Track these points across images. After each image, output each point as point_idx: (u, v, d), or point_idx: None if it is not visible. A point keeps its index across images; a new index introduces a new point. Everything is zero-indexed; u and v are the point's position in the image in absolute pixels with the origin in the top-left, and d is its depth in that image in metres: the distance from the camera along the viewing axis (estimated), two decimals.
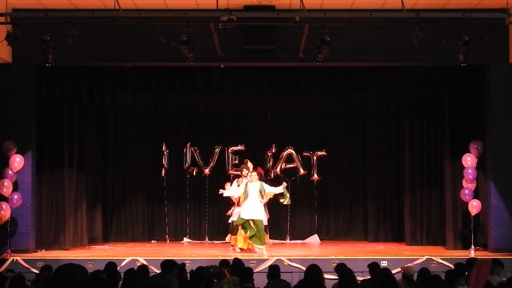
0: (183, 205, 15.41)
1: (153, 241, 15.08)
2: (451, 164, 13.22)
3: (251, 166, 13.31)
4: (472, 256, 10.77)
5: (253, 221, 12.15)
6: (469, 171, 12.59)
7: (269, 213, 13.48)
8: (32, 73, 12.40)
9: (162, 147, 15.18)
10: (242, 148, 15.12)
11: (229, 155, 15.13)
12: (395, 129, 14.93)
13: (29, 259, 11.44)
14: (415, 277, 7.81)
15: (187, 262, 10.42)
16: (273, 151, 15.13)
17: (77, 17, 10.74)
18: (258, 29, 11.59)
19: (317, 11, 11.34)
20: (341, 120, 15.47)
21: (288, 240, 15.05)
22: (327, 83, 12.98)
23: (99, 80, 12.82)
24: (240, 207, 12.56)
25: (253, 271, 7.64)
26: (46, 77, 12.54)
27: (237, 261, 8.59)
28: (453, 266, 8.87)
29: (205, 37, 10.92)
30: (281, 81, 12.99)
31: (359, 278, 8.03)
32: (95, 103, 13.89)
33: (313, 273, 6.54)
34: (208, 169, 15.11)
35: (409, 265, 9.43)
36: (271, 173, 14.96)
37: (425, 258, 11.36)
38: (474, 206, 12.51)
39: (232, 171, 14.88)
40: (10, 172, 12.12)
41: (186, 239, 15.13)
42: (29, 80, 12.41)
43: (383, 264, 10.47)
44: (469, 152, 12.68)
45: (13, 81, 12.37)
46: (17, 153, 12.15)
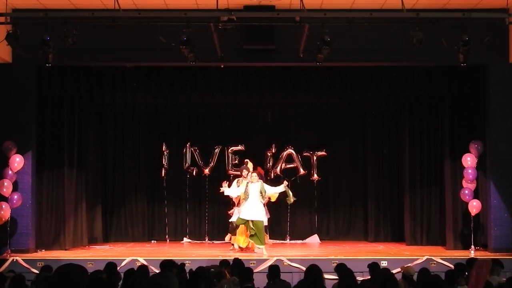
0: (183, 205, 15.40)
1: (153, 241, 15.07)
2: (451, 164, 13.22)
3: (251, 166, 13.30)
4: (472, 256, 10.77)
5: (252, 221, 12.17)
6: (469, 171, 12.59)
7: (269, 213, 13.47)
8: (32, 73, 12.40)
9: (162, 147, 15.17)
10: (242, 148, 15.10)
11: (229, 155, 15.12)
12: (395, 129, 14.92)
13: (29, 259, 11.44)
14: (415, 277, 7.81)
15: (187, 262, 10.42)
16: (273, 151, 15.12)
17: (77, 17, 10.74)
18: (258, 29, 11.59)
19: (317, 11, 11.34)
20: (341, 120, 15.46)
21: (288, 240, 15.04)
22: (327, 83, 12.98)
23: (99, 80, 12.82)
24: (240, 207, 12.57)
25: (253, 271, 7.64)
26: (46, 77, 12.54)
27: (237, 261, 8.59)
28: (453, 266, 8.87)
29: (205, 37, 10.92)
30: (281, 81, 12.99)
31: (359, 278, 8.04)
32: (95, 103, 13.89)
33: (313, 273, 6.55)
34: (208, 169, 15.10)
35: (409, 265, 9.43)
36: (271, 173, 14.95)
37: (425, 258, 11.36)
38: (474, 206, 12.51)
39: (232, 171, 14.88)
40: (10, 172, 12.13)
41: (186, 239, 15.12)
42: (29, 80, 12.42)
43: (383, 264, 10.47)
44: (469, 152, 12.69)
45: (13, 81, 12.37)
46: (17, 153, 12.15)
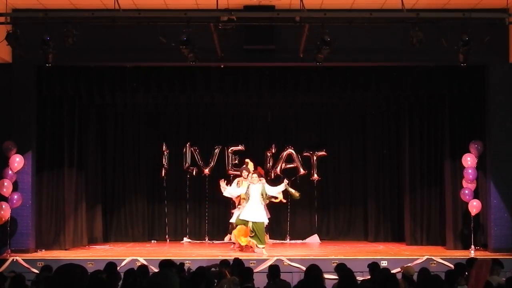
0: (183, 205, 15.40)
1: (153, 241, 15.07)
2: (451, 164, 13.21)
3: (251, 166, 13.30)
4: (472, 256, 10.76)
5: (253, 223, 12.19)
6: (469, 171, 12.59)
7: (269, 213, 13.47)
8: (32, 73, 12.40)
9: (162, 147, 15.17)
10: (242, 148, 15.10)
11: (229, 155, 15.11)
12: (395, 129, 14.93)
13: (29, 259, 11.44)
14: (415, 277, 7.81)
15: (187, 262, 10.43)
16: (273, 151, 15.12)
17: (77, 17, 10.74)
18: (258, 29, 11.59)
19: (317, 11, 11.34)
20: (341, 120, 15.46)
21: (288, 240, 15.04)
22: (327, 83, 12.98)
23: (99, 80, 12.82)
24: (241, 208, 12.57)
25: (253, 271, 7.64)
26: (46, 77, 12.54)
27: (237, 261, 8.59)
28: (453, 266, 8.87)
29: (205, 37, 10.92)
30: (281, 81, 12.99)
31: (359, 278, 8.03)
32: (95, 103, 13.88)
33: (313, 273, 6.54)
34: (208, 169, 15.09)
35: (409, 265, 9.43)
36: (271, 173, 14.94)
37: (425, 258, 11.36)
38: (474, 206, 12.51)
39: (232, 171, 14.88)
40: (10, 172, 12.12)
41: (186, 239, 15.12)
42: (29, 80, 12.42)
43: (383, 264, 10.47)
44: (469, 152, 12.69)
45: (13, 81, 12.37)
46: (17, 153, 12.15)
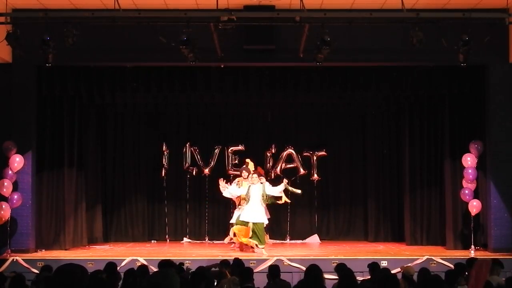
0: (183, 205, 15.40)
1: (153, 241, 15.07)
2: (451, 164, 13.21)
3: (252, 166, 13.30)
4: (472, 256, 10.76)
5: (253, 223, 12.19)
6: (469, 171, 12.59)
7: (269, 213, 13.46)
8: (32, 73, 12.40)
9: (162, 147, 15.17)
10: (242, 148, 15.09)
11: (229, 155, 15.11)
12: (395, 129, 14.93)
13: (29, 259, 11.44)
14: (415, 277, 7.81)
15: (187, 262, 10.43)
16: (272, 151, 15.12)
17: (77, 17, 10.74)
18: (258, 29, 11.59)
19: (317, 11, 11.34)
20: (341, 120, 15.45)
21: (288, 240, 15.04)
22: (327, 83, 12.98)
23: (99, 80, 12.82)
24: (241, 209, 12.57)
25: (253, 271, 7.64)
26: (46, 77, 12.54)
27: (237, 261, 8.59)
28: (453, 266, 8.87)
29: (205, 37, 10.92)
30: (281, 81, 12.99)
31: (359, 278, 8.03)
32: (95, 103, 13.88)
33: (313, 273, 6.54)
34: (208, 169, 15.09)
35: (409, 265, 9.43)
36: (271, 173, 14.93)
37: (425, 258, 11.36)
38: (474, 206, 12.51)
39: (232, 171, 14.87)
40: (10, 172, 12.12)
41: (186, 239, 15.11)
42: (29, 80, 12.41)
43: (383, 264, 10.47)
44: (469, 152, 12.68)
45: (13, 81, 12.37)
46: (17, 153, 12.15)
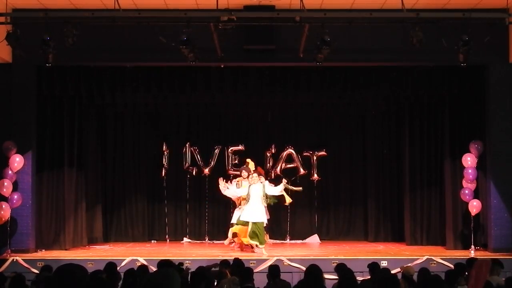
0: (183, 205, 15.39)
1: (153, 241, 15.07)
2: (451, 164, 13.21)
3: (252, 166, 13.29)
4: (472, 256, 10.76)
5: (253, 223, 12.19)
6: (469, 171, 12.59)
7: (269, 213, 13.46)
8: (32, 73, 12.40)
9: (162, 147, 15.17)
10: (242, 148, 15.10)
11: (229, 155, 15.11)
12: (395, 129, 14.92)
13: (29, 259, 11.44)
14: (415, 277, 7.81)
15: (187, 262, 10.43)
16: (272, 151, 15.12)
17: (77, 17, 10.73)
18: (258, 29, 11.59)
19: (317, 11, 11.34)
20: (341, 120, 15.45)
21: (288, 240, 15.04)
22: (327, 83, 12.99)
23: (99, 80, 12.82)
24: (241, 209, 12.57)
25: (253, 271, 7.64)
26: (46, 77, 12.54)
27: (237, 261, 8.59)
28: (453, 266, 8.87)
29: (205, 37, 10.92)
30: (281, 81, 12.99)
31: (359, 278, 8.03)
32: (95, 103, 13.89)
33: (313, 273, 6.55)
34: (208, 169, 15.09)
35: (409, 265, 9.43)
36: (271, 173, 14.93)
37: (425, 258, 11.36)
38: (474, 206, 12.51)
39: (232, 171, 14.88)
40: (10, 172, 12.12)
41: (186, 239, 15.11)
42: (29, 80, 12.41)
43: (383, 264, 10.46)
44: (469, 152, 12.68)
45: (13, 81, 12.36)
46: (17, 153, 12.15)
